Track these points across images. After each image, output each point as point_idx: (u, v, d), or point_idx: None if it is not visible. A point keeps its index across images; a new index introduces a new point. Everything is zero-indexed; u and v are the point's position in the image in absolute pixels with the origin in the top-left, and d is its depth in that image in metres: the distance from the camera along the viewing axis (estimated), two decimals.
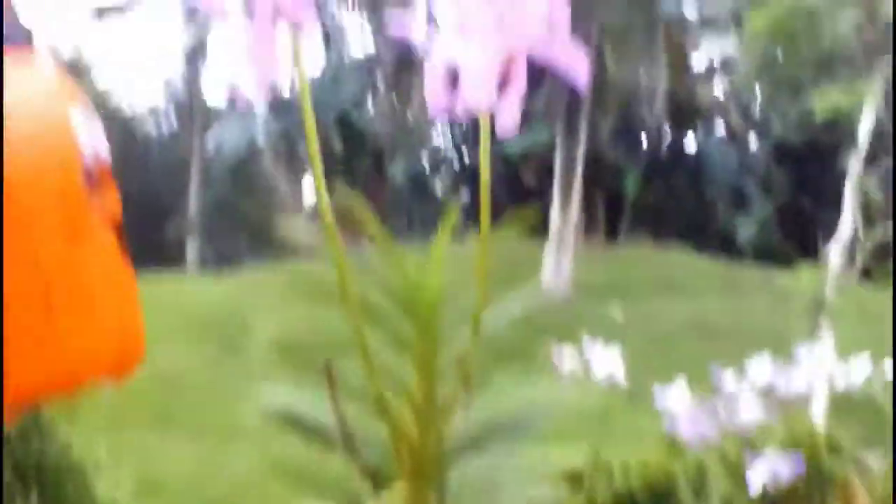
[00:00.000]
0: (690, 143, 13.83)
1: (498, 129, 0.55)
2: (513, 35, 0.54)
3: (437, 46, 0.58)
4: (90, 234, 0.67)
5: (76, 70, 14.51)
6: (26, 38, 0.71)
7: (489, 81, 0.53)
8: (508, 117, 0.54)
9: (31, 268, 0.64)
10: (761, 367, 1.77)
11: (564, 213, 7.37)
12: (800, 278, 2.91)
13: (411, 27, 0.57)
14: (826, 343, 2.33)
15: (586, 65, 0.52)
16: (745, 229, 13.13)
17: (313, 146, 0.51)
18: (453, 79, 0.66)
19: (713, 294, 8.12)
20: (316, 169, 0.56)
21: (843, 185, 2.99)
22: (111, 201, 0.70)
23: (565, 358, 1.64)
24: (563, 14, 0.54)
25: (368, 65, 13.06)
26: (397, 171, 13.20)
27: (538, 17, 0.52)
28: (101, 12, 12.61)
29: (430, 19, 0.64)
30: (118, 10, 12.63)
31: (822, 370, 2.03)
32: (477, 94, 0.53)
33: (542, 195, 10.80)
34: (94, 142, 0.67)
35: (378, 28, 12.24)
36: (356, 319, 0.62)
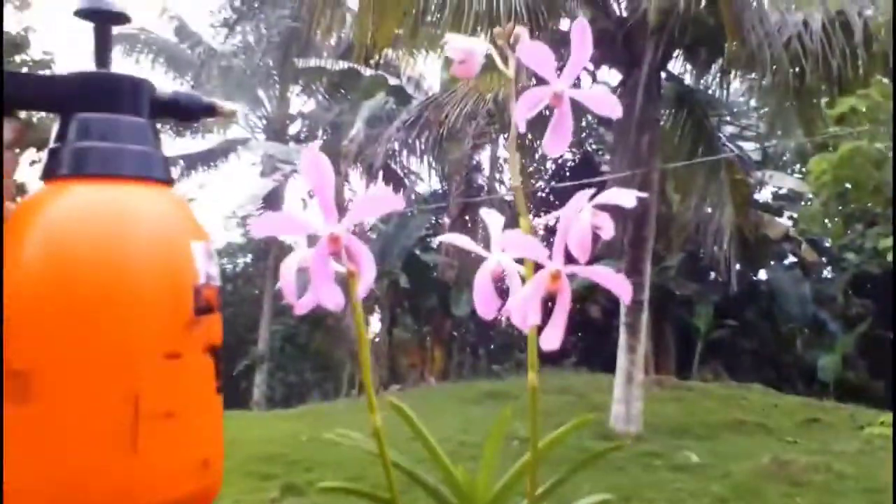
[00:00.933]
0: (762, 276, 13.52)
1: (542, 343, 0.56)
2: (558, 258, 0.56)
3: (488, 259, 0.61)
4: (189, 354, 0.70)
5: None
6: (167, 176, 0.76)
7: (534, 302, 0.55)
8: (553, 335, 0.55)
9: (125, 377, 0.66)
10: None
11: (632, 349, 7.22)
12: (887, 425, 2.76)
13: (462, 240, 0.60)
14: None
15: (629, 286, 0.53)
16: (825, 364, 12.52)
17: (367, 374, 0.54)
18: (503, 280, 0.68)
19: (795, 434, 7.67)
20: (367, 381, 0.58)
21: None
22: (215, 328, 0.74)
23: None
24: (609, 230, 0.56)
25: (434, 202, 13.49)
26: (462, 304, 13.28)
27: (583, 243, 0.54)
28: (190, 162, 13.51)
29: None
30: (204, 159, 13.54)
31: None
32: (522, 315, 0.55)
33: (608, 329, 10.62)
34: (208, 273, 0.72)
35: (443, 170, 12.72)
36: None
